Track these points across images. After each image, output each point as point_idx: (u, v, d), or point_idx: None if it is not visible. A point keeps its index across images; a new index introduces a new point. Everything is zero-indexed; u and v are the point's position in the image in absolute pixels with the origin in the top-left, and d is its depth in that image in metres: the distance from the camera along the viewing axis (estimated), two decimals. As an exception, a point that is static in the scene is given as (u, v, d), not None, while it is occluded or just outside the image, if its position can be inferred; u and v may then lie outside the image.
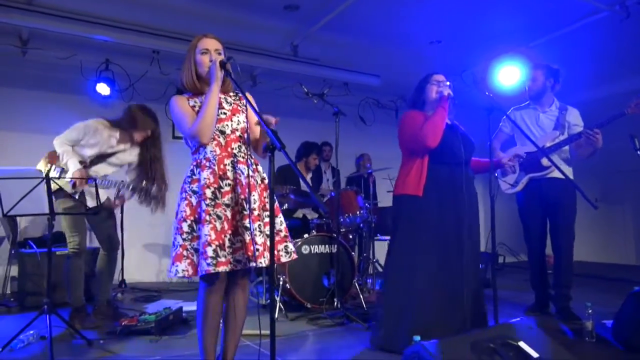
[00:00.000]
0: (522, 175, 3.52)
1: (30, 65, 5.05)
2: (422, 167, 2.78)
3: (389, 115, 7.21)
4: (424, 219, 2.72)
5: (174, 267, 2.01)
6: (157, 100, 5.61)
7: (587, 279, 5.40)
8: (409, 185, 2.78)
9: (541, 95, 3.58)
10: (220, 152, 2.15)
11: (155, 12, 4.53)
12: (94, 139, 3.48)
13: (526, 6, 4.50)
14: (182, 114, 2.14)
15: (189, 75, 2.20)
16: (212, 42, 2.23)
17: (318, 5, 4.51)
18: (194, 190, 2.10)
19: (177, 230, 2.07)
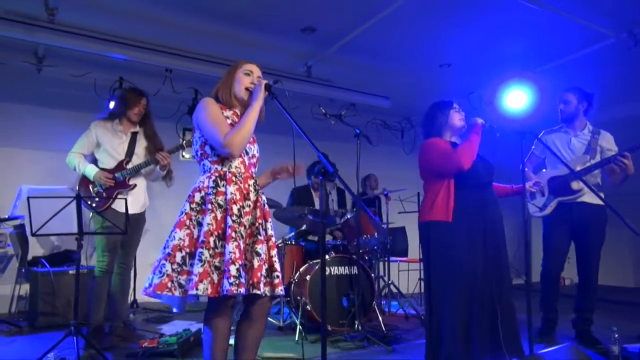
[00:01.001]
0: (551, 198, 3.53)
1: (45, 83, 5.04)
2: (449, 192, 2.74)
3: (394, 137, 7.28)
4: (456, 244, 2.67)
5: (202, 284, 1.89)
6: (169, 119, 5.64)
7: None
8: (437, 212, 2.73)
9: (573, 118, 3.61)
10: (244, 170, 2.16)
11: (169, 31, 4.56)
12: (104, 139, 3.55)
13: (534, 32, 4.61)
14: (217, 118, 2.09)
15: (226, 90, 2.22)
16: (256, 68, 2.30)
17: (334, 28, 4.58)
18: (219, 203, 2.04)
19: (202, 245, 1.96)
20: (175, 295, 1.94)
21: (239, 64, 2.28)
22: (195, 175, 2.19)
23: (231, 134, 2.04)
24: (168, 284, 1.93)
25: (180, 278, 1.95)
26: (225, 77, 2.26)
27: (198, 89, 5.62)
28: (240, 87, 2.21)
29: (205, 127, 2.10)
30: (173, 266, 1.95)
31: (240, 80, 2.21)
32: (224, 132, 2.05)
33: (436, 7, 4.14)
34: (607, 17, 4.31)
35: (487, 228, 2.72)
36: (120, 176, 3.50)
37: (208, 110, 2.11)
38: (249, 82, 2.22)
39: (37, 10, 3.95)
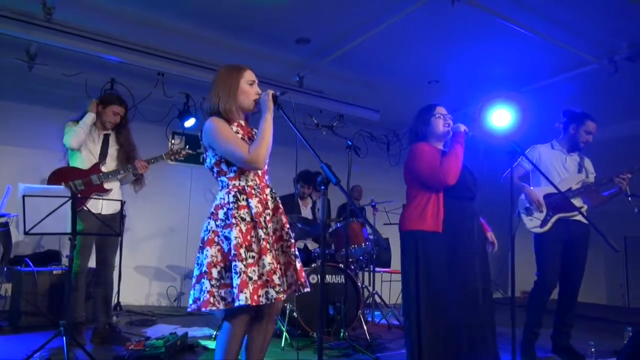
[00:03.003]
0: (551, 214, 3.59)
1: (35, 80, 5.00)
2: (439, 203, 2.76)
3: (381, 149, 7.39)
4: (444, 255, 2.69)
5: (243, 294, 1.96)
6: (160, 122, 5.65)
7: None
8: (427, 221, 2.73)
9: (568, 139, 3.73)
10: (259, 181, 2.22)
11: (163, 35, 4.58)
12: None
13: (520, 54, 4.77)
14: (233, 138, 2.14)
15: (229, 102, 2.21)
16: (254, 75, 2.32)
17: (328, 41, 4.68)
18: (242, 216, 2.10)
19: (235, 257, 2.01)
20: (220, 308, 2.03)
21: (238, 72, 2.26)
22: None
23: (255, 150, 2.10)
24: (211, 299, 2.02)
25: (221, 292, 2.04)
26: (225, 87, 2.23)
27: (190, 93, 5.64)
28: (247, 100, 2.24)
29: (223, 147, 2.13)
30: (212, 282, 2.04)
31: (246, 93, 2.24)
32: (245, 148, 2.11)
33: (427, 26, 4.27)
34: (589, 43, 4.49)
35: (473, 240, 2.79)
36: (97, 179, 3.51)
37: (220, 130, 2.14)
38: (255, 94, 2.25)
39: (34, 9, 3.95)
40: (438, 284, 2.67)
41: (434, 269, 2.69)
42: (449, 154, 2.77)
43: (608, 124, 6.38)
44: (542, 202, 3.61)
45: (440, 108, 2.92)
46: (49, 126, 4.99)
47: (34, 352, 2.70)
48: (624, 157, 4.85)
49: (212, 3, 4.03)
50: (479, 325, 2.67)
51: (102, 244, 3.59)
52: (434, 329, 2.63)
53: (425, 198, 2.79)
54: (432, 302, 2.66)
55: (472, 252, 2.76)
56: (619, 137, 5.88)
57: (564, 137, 3.78)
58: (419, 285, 2.70)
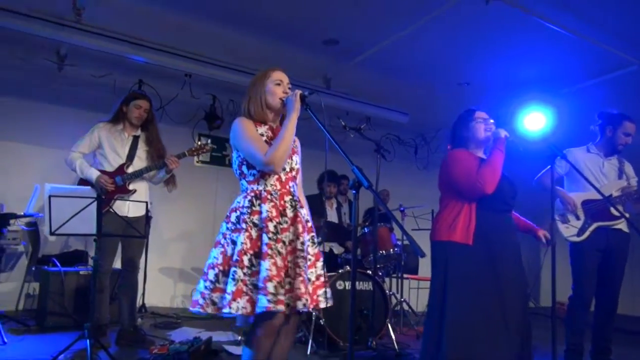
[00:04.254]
0: (589, 222, 3.41)
1: (65, 81, 5.04)
2: (471, 214, 2.62)
3: (408, 152, 7.25)
4: (475, 269, 2.55)
5: (235, 303, 1.89)
6: (187, 124, 5.66)
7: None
8: (457, 232, 2.60)
9: (605, 142, 3.55)
10: (280, 187, 2.13)
11: (191, 37, 4.58)
12: (105, 140, 3.55)
13: (556, 55, 4.60)
14: (253, 139, 2.08)
15: (258, 103, 2.18)
16: (285, 76, 2.26)
17: (357, 42, 4.60)
18: (254, 222, 2.03)
19: (236, 263, 1.95)
20: (208, 312, 1.95)
21: (266, 73, 2.22)
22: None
23: (272, 151, 2.02)
24: (200, 300, 1.96)
25: (213, 295, 1.97)
26: (254, 88, 2.21)
27: (216, 95, 5.63)
28: (274, 99, 2.17)
29: (243, 146, 2.09)
30: (206, 284, 1.99)
31: (272, 92, 2.18)
32: (264, 149, 2.04)
33: (459, 26, 4.14)
34: (628, 43, 4.30)
35: (507, 254, 2.62)
36: (121, 180, 3.48)
37: (243, 130, 2.10)
38: (282, 93, 2.18)
39: (64, 10, 3.97)
40: (465, 298, 2.53)
41: (462, 281, 2.55)
42: (487, 161, 2.61)
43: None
44: (578, 206, 3.44)
45: (481, 112, 2.77)
46: (78, 127, 4.99)
47: (58, 354, 2.67)
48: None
49: (239, 4, 3.99)
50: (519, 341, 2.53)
51: (128, 246, 3.56)
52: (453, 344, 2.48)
53: (457, 208, 2.66)
54: (457, 316, 2.52)
55: (506, 267, 2.58)
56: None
57: (601, 141, 3.58)
58: (445, 298, 2.58)
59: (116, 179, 3.46)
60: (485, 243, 2.57)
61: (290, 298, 1.99)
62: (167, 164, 3.48)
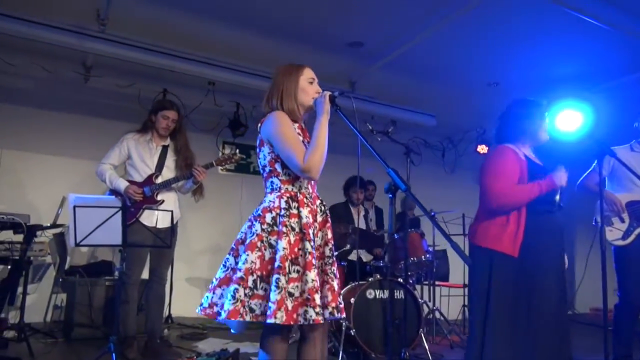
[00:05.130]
0: (635, 225, 3.23)
1: (91, 92, 5.06)
2: (520, 220, 2.45)
3: (435, 156, 7.08)
4: (518, 280, 2.41)
5: (280, 312, 1.78)
6: (211, 132, 5.62)
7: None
8: (503, 242, 2.44)
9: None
10: (311, 190, 2.05)
11: (214, 44, 4.55)
12: (134, 151, 3.52)
13: (590, 49, 4.41)
14: (293, 138, 1.96)
15: (291, 100, 2.06)
16: (314, 74, 2.16)
17: (382, 44, 4.50)
18: (292, 226, 1.92)
19: (279, 270, 1.83)
20: (246, 320, 1.84)
21: (298, 69, 2.11)
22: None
23: (310, 157, 1.90)
24: (240, 309, 1.83)
25: (251, 302, 1.85)
26: (287, 83, 2.07)
27: (240, 102, 5.58)
28: (307, 98, 2.07)
29: (282, 146, 1.96)
30: (246, 291, 1.85)
31: (306, 90, 2.07)
32: (302, 154, 1.92)
33: (487, 24, 4.00)
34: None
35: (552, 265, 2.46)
36: (149, 190, 3.44)
37: (284, 128, 1.97)
38: (315, 92, 2.09)
39: (89, 20, 3.98)
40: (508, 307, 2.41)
41: (505, 291, 2.43)
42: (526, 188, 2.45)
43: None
44: (623, 207, 3.24)
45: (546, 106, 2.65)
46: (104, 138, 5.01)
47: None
48: None
49: (262, 9, 3.94)
50: None
51: (156, 258, 3.51)
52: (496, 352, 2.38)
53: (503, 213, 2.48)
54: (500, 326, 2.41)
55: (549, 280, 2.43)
56: None
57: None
58: (489, 305, 2.45)
59: (145, 189, 3.42)
60: (531, 254, 2.42)
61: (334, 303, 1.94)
62: (194, 175, 3.41)
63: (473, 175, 8.08)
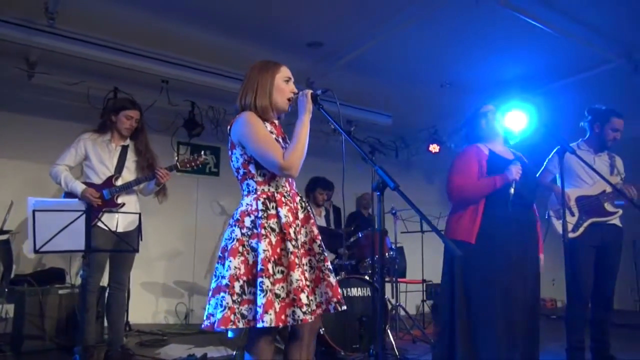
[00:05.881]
0: (584, 219, 3.40)
1: (36, 90, 4.76)
2: (477, 211, 2.62)
3: (388, 156, 7.21)
4: (475, 265, 2.54)
5: (267, 315, 1.76)
6: (165, 132, 5.44)
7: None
8: (461, 231, 2.62)
9: (594, 139, 3.55)
10: (289, 189, 2.03)
11: (168, 41, 4.42)
12: (92, 151, 3.36)
13: (538, 53, 4.64)
14: (267, 139, 1.93)
15: (265, 99, 2.01)
16: (290, 73, 2.13)
17: (341, 44, 4.53)
18: (272, 227, 1.89)
19: (262, 273, 1.81)
20: (239, 327, 1.81)
21: (274, 67, 2.07)
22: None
23: (289, 156, 1.88)
24: (231, 317, 1.80)
25: (242, 308, 1.82)
26: (261, 81, 2.02)
27: (195, 101, 5.45)
28: (282, 98, 2.04)
29: (257, 146, 1.92)
30: (233, 297, 1.82)
31: (281, 89, 2.04)
32: (280, 153, 1.90)
33: (441, 27, 4.12)
34: (609, 40, 4.36)
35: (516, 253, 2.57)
36: (108, 193, 3.28)
37: (256, 129, 1.93)
38: (290, 92, 2.07)
39: (36, 14, 3.75)
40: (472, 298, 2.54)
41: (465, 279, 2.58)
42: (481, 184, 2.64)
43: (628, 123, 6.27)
44: (572, 202, 3.42)
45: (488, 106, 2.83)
46: (52, 138, 4.76)
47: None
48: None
49: (221, 6, 3.86)
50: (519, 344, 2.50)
51: (118, 263, 3.37)
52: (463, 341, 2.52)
53: (464, 204, 2.67)
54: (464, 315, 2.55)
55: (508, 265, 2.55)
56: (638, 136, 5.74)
57: (590, 137, 3.60)
58: (454, 297, 2.61)
59: (104, 192, 3.26)
60: (488, 240, 2.55)
61: (312, 301, 1.91)
62: (157, 177, 3.29)
63: (425, 175, 8.34)
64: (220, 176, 5.98)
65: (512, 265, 2.56)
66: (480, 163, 2.70)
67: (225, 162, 5.78)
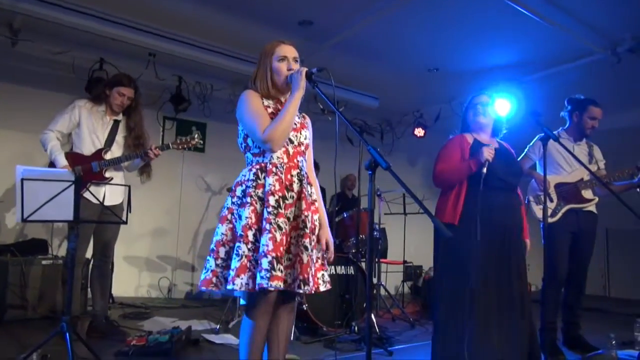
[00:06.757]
0: (562, 205, 3.51)
1: (19, 58, 4.64)
2: (460, 194, 2.70)
3: (374, 138, 7.25)
4: (461, 248, 2.61)
5: (239, 279, 1.82)
6: (151, 106, 5.38)
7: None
8: (445, 213, 2.70)
9: (573, 128, 3.64)
10: (287, 161, 2.05)
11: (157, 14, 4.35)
12: (86, 121, 3.32)
13: (525, 41, 4.68)
14: (255, 112, 2.00)
15: (263, 82, 2.11)
16: (290, 50, 2.15)
17: (331, 23, 4.51)
18: (259, 196, 1.96)
19: (240, 239, 1.89)
20: (221, 290, 1.91)
21: (272, 47, 2.12)
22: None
23: (270, 129, 1.95)
24: (213, 279, 1.91)
25: (226, 273, 1.92)
26: (262, 62, 2.12)
27: (183, 76, 5.39)
28: (279, 78, 2.09)
29: (245, 120, 2.03)
30: (217, 261, 1.94)
31: (278, 70, 2.09)
32: (264, 126, 1.96)
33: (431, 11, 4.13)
34: (594, 32, 4.43)
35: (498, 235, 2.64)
36: (97, 166, 3.26)
37: (247, 104, 2.02)
38: (287, 70, 2.09)
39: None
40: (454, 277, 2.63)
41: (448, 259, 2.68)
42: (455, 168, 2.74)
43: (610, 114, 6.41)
44: (552, 188, 3.52)
45: (481, 97, 2.89)
46: (34, 107, 4.70)
47: (32, 351, 2.46)
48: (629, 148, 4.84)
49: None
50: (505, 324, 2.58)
51: (103, 235, 3.36)
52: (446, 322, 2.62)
53: (449, 189, 2.76)
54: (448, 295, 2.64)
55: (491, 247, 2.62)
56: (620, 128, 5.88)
57: (569, 126, 3.68)
58: (441, 277, 2.72)
59: (92, 165, 3.23)
60: (471, 222, 2.60)
61: (290, 275, 1.94)
62: (147, 154, 3.27)
63: (409, 158, 8.41)
64: (205, 152, 5.95)
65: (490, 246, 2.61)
66: (463, 151, 2.80)
67: (211, 139, 5.76)
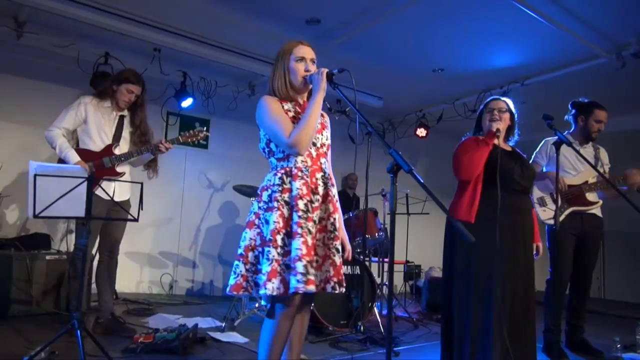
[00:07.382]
0: (565, 207, 3.51)
1: (24, 51, 4.61)
2: (475, 193, 2.70)
3: (375, 137, 7.25)
4: (476, 246, 2.63)
5: (270, 284, 1.85)
6: (155, 101, 5.33)
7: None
8: (461, 211, 2.70)
9: (579, 131, 3.64)
10: (311, 164, 2.06)
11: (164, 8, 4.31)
12: (92, 117, 3.30)
13: (528, 44, 4.69)
14: (278, 117, 2.01)
15: (281, 83, 2.11)
16: (308, 51, 2.17)
17: (339, 22, 4.50)
18: (285, 200, 1.97)
19: (269, 243, 1.90)
20: (252, 294, 1.94)
21: (289, 48, 2.13)
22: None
23: (296, 133, 1.95)
24: (243, 284, 1.94)
25: (255, 277, 1.94)
26: (278, 64, 2.13)
27: (187, 72, 5.37)
28: (296, 78, 2.09)
29: (268, 127, 2.04)
30: (247, 266, 1.96)
31: (294, 70, 2.09)
32: (288, 130, 1.97)
33: (438, 12, 4.13)
34: (599, 36, 4.44)
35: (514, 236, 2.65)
36: (109, 162, 3.25)
37: (268, 110, 2.03)
38: (304, 70, 2.09)
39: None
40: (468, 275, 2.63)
41: (460, 258, 2.69)
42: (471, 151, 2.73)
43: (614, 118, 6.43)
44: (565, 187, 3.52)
45: (495, 102, 2.84)
46: (38, 100, 4.67)
47: (42, 348, 2.45)
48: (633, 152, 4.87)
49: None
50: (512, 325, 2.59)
51: (111, 232, 3.35)
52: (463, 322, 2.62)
53: (465, 187, 2.75)
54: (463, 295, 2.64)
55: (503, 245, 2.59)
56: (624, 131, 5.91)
57: (575, 130, 3.70)
58: (452, 273, 2.73)
59: (103, 160, 3.22)
60: (489, 222, 2.60)
61: (316, 277, 1.94)
62: (159, 148, 3.27)
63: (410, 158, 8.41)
64: (209, 149, 5.93)
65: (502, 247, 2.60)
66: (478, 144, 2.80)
67: (215, 136, 5.74)
